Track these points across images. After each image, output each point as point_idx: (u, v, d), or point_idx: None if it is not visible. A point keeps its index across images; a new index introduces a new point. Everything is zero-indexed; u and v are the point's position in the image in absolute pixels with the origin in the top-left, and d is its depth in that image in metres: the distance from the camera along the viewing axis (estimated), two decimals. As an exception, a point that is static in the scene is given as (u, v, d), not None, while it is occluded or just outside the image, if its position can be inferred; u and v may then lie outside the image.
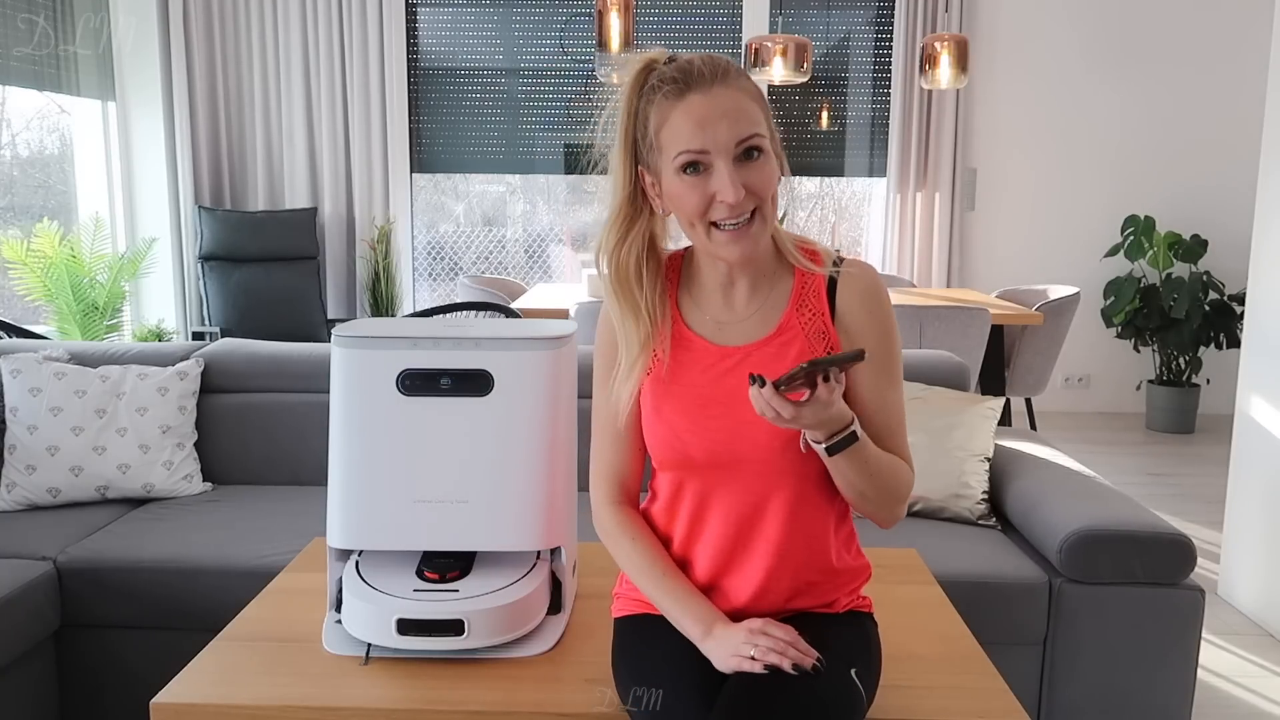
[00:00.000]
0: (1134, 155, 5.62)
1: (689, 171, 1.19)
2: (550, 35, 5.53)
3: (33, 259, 4.28)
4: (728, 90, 1.19)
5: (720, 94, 1.19)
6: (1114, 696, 2.09)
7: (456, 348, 1.44)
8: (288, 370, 2.70)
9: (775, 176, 1.22)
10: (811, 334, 1.27)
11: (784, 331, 1.28)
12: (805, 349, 1.27)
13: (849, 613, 1.36)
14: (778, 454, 1.25)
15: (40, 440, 2.40)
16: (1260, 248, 3.04)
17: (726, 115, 1.18)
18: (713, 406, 1.27)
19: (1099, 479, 2.39)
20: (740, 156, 1.19)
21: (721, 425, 1.26)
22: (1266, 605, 2.93)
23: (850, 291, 1.28)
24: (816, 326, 1.28)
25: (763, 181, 1.20)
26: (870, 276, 1.30)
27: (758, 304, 1.30)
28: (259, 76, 5.43)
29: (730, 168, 1.18)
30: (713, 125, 1.18)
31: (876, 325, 1.28)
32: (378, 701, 1.32)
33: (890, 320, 1.29)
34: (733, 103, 1.19)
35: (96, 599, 2.14)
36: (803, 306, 1.29)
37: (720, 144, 1.18)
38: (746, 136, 1.19)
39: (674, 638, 1.29)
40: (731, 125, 1.18)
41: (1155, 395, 5.42)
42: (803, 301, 1.29)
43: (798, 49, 4.37)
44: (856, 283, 1.28)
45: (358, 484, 1.45)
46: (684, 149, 1.19)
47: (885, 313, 1.29)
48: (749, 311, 1.30)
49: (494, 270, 6.00)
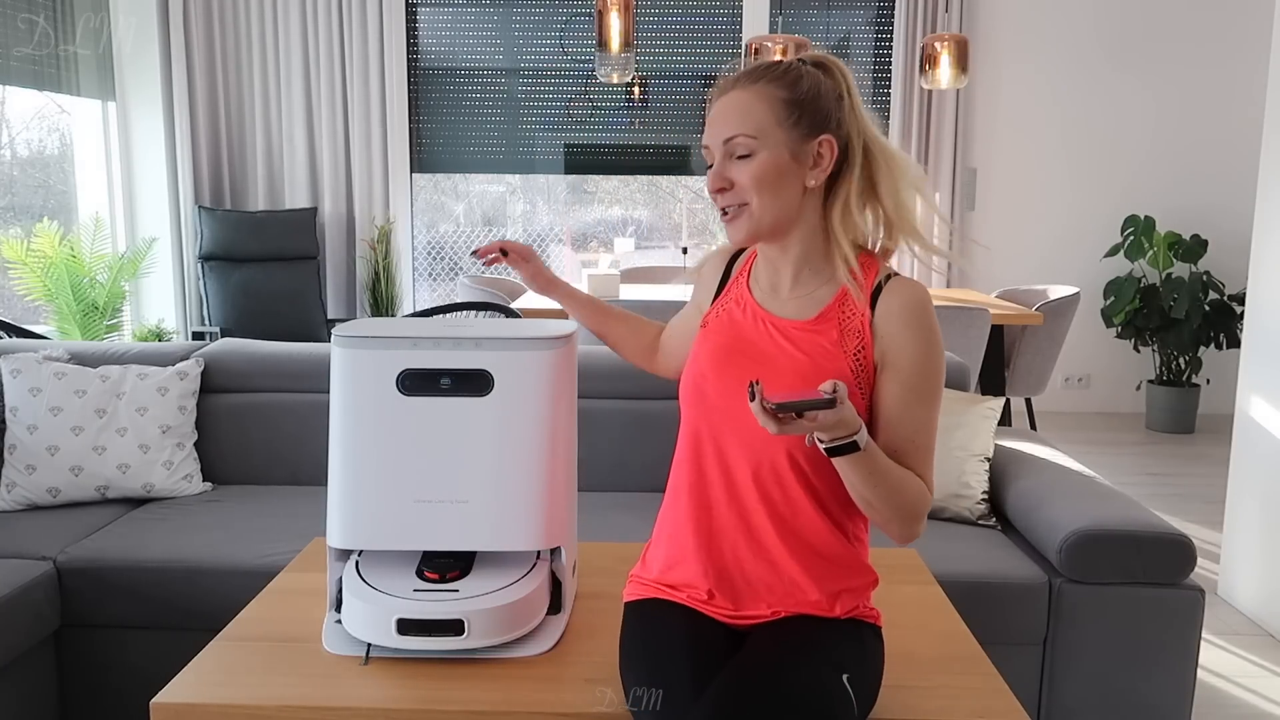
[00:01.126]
0: (1134, 155, 5.62)
1: (708, 164, 1.35)
2: (550, 35, 5.53)
3: (33, 259, 4.29)
4: (741, 93, 1.31)
5: (734, 96, 1.32)
6: (1114, 696, 2.09)
7: (456, 348, 1.44)
8: (288, 370, 2.70)
9: (768, 175, 1.30)
10: (847, 330, 1.32)
11: (822, 320, 1.34)
12: (838, 340, 1.32)
13: (851, 620, 1.36)
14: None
15: (40, 440, 2.40)
16: (1260, 248, 3.04)
17: (722, 116, 1.31)
18: (739, 358, 1.36)
19: (1099, 479, 2.39)
20: (729, 154, 1.31)
21: (739, 375, 1.33)
22: (1266, 605, 2.93)
23: (891, 301, 1.31)
24: (853, 325, 1.32)
25: (744, 178, 1.30)
26: (916, 291, 1.32)
27: (801, 291, 1.38)
28: (259, 76, 5.43)
29: (719, 163, 1.32)
30: (714, 124, 1.32)
31: (912, 339, 1.30)
32: (378, 701, 1.32)
33: (930, 336, 1.31)
34: (735, 104, 1.31)
35: (96, 599, 2.14)
36: (845, 304, 1.34)
37: (714, 141, 1.32)
38: (730, 136, 1.30)
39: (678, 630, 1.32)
40: (723, 126, 1.31)
41: (1155, 395, 5.42)
42: (846, 300, 1.34)
43: (797, 49, 4.37)
44: (899, 295, 1.32)
45: (358, 484, 1.45)
46: (703, 143, 1.35)
47: (926, 327, 1.30)
48: (794, 296, 1.38)
49: (494, 270, 6.00)
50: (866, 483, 1.23)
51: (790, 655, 1.25)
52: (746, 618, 1.36)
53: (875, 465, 1.22)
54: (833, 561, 1.35)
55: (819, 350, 1.31)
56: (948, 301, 4.10)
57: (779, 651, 1.26)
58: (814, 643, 1.27)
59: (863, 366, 1.30)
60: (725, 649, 1.31)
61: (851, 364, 1.30)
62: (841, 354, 1.30)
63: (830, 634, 1.31)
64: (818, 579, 1.34)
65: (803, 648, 1.27)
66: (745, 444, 1.33)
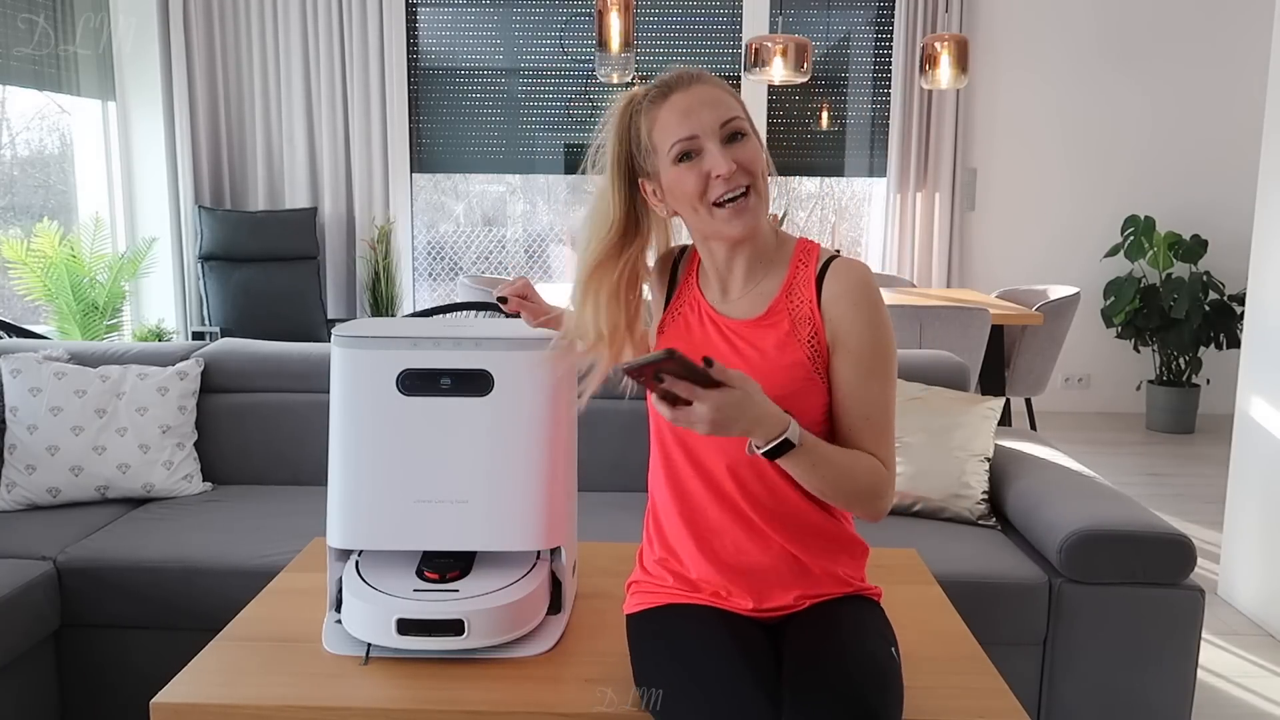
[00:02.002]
0: (1134, 155, 5.62)
1: (684, 160, 1.31)
2: (550, 35, 5.53)
3: (33, 259, 4.28)
4: (705, 86, 1.33)
5: (698, 89, 1.32)
6: (1114, 696, 2.09)
7: (456, 348, 1.44)
8: (288, 370, 2.70)
9: (761, 157, 1.32)
10: (798, 319, 1.34)
11: (772, 314, 1.36)
12: (790, 330, 1.33)
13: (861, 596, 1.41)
14: None
15: (40, 440, 2.40)
16: (1260, 248, 3.04)
17: (707, 103, 1.31)
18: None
19: (1099, 479, 2.39)
20: (727, 138, 1.30)
21: None
22: (1266, 605, 2.93)
23: (835, 282, 1.34)
24: (803, 312, 1.34)
25: (750, 158, 1.31)
26: (857, 271, 1.35)
27: (751, 287, 1.39)
28: (259, 76, 5.43)
29: (719, 146, 1.30)
30: (697, 113, 1.30)
31: (860, 318, 1.32)
32: (378, 701, 1.32)
33: (876, 313, 1.33)
34: (711, 94, 1.32)
35: (96, 599, 2.14)
36: (792, 294, 1.36)
37: (707, 127, 1.30)
38: (729, 119, 1.30)
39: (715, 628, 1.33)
40: (713, 110, 1.30)
41: (1155, 395, 5.42)
42: (793, 289, 1.36)
43: (798, 49, 4.37)
44: (843, 275, 1.34)
45: (358, 484, 1.45)
46: (676, 139, 1.30)
47: (870, 305, 1.32)
48: (743, 295, 1.39)
49: (494, 270, 6.00)
50: (811, 477, 1.25)
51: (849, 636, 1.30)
52: (770, 611, 1.38)
53: (817, 457, 1.23)
54: (825, 537, 1.39)
55: (773, 342, 1.33)
56: (948, 301, 4.10)
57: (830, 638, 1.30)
58: (856, 621, 1.33)
59: (817, 352, 1.33)
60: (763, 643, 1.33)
61: (807, 351, 1.32)
62: (795, 343, 1.33)
63: (860, 611, 1.37)
64: (816, 556, 1.38)
65: (852, 629, 1.32)
66: (714, 443, 1.35)
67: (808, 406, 1.32)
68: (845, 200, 6.09)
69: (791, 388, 1.31)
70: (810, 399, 1.32)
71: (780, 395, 1.26)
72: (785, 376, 1.31)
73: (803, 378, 1.32)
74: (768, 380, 1.26)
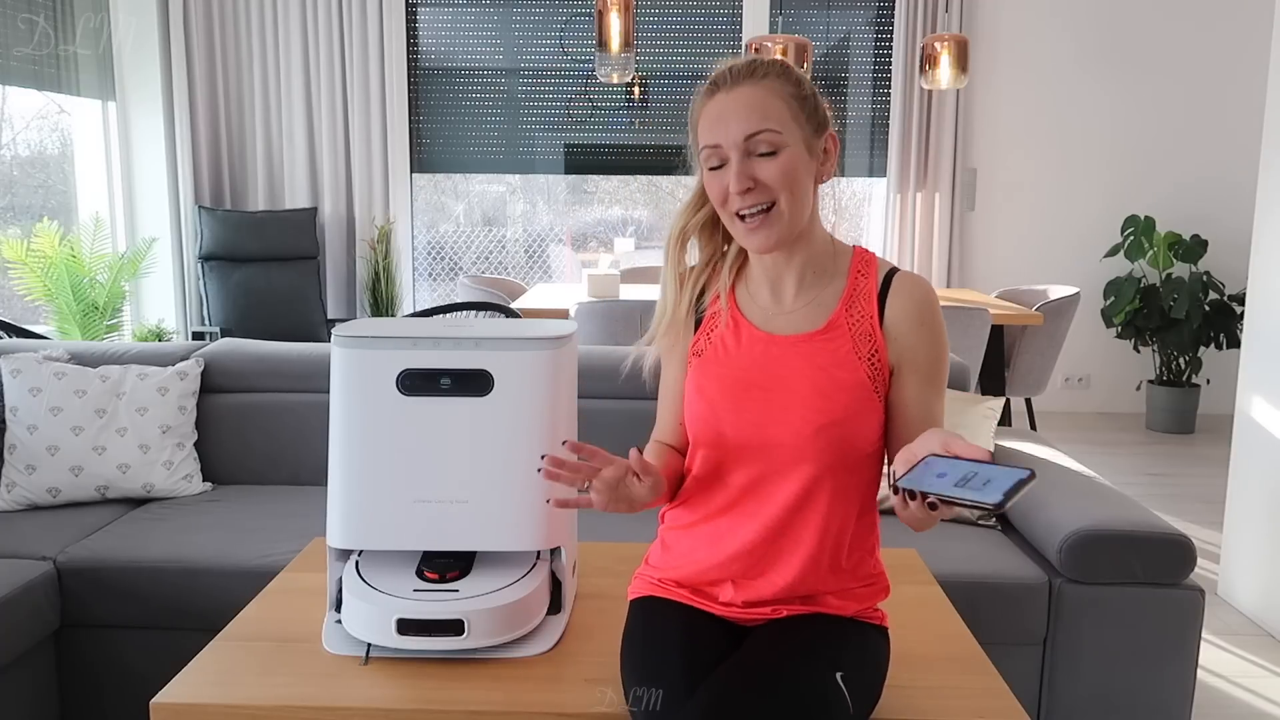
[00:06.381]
0: (1134, 155, 5.62)
1: (712, 167, 1.28)
2: (550, 35, 5.53)
3: (33, 259, 4.28)
4: (752, 88, 1.25)
5: (742, 92, 1.25)
6: (1114, 696, 2.09)
7: (456, 348, 1.44)
8: (288, 370, 2.70)
9: (794, 172, 1.26)
10: (858, 335, 1.30)
11: (831, 329, 1.31)
12: (851, 348, 1.29)
13: (854, 620, 1.35)
14: (808, 441, 1.27)
15: (40, 440, 2.40)
16: (1260, 248, 3.04)
17: (738, 112, 1.24)
18: (754, 390, 1.32)
19: (1099, 479, 2.39)
20: (750, 151, 1.25)
21: (759, 409, 1.30)
22: (1266, 605, 2.93)
23: (900, 299, 1.31)
24: (864, 328, 1.30)
25: (773, 175, 1.25)
26: (922, 288, 1.32)
27: (806, 299, 1.34)
28: (259, 76, 5.43)
29: (738, 162, 1.24)
30: (724, 122, 1.25)
31: (928, 338, 1.30)
32: (378, 701, 1.32)
33: (941, 332, 1.32)
34: (750, 100, 1.25)
35: (96, 599, 2.14)
36: (852, 307, 1.32)
37: (731, 139, 1.24)
38: (755, 132, 1.24)
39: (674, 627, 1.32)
40: (742, 121, 1.24)
41: (1155, 395, 5.42)
42: (853, 303, 1.32)
43: (798, 49, 4.37)
44: (908, 292, 1.31)
45: (358, 484, 1.45)
46: (705, 144, 1.28)
47: (937, 324, 1.31)
48: (797, 305, 1.34)
49: (494, 270, 6.00)
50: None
51: (784, 653, 1.25)
52: (752, 613, 1.35)
53: None
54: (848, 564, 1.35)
55: (833, 360, 1.29)
56: (948, 301, 4.10)
57: (773, 649, 1.26)
58: (810, 641, 1.27)
59: (877, 371, 1.29)
60: (724, 648, 1.31)
61: (867, 369, 1.29)
62: (856, 360, 1.29)
63: (831, 633, 1.30)
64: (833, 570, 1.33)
65: (798, 645, 1.27)
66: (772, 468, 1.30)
67: (866, 429, 1.29)
68: (845, 200, 6.09)
69: (854, 408, 1.27)
70: (870, 420, 1.29)
71: (841, 418, 1.25)
72: (848, 398, 1.27)
73: (864, 398, 1.28)
74: (830, 402, 1.24)
